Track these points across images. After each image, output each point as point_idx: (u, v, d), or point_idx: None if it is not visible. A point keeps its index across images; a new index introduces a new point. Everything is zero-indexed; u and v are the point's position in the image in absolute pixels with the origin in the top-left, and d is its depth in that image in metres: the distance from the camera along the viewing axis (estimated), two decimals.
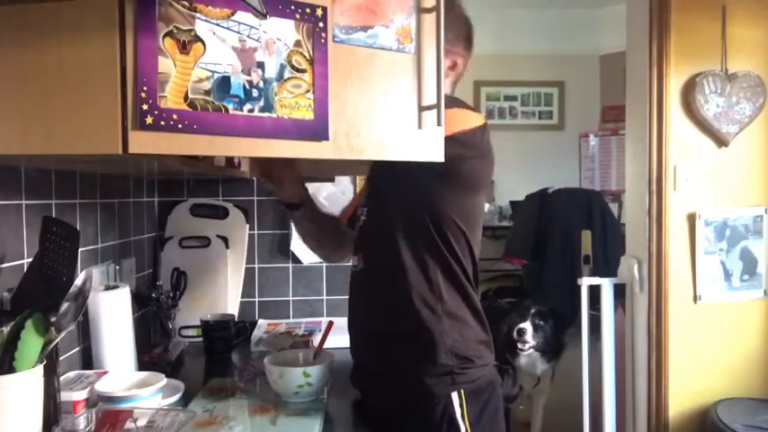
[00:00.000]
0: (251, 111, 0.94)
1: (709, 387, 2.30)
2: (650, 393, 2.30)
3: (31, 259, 1.07)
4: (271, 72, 0.97)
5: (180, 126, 0.88)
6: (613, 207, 3.51)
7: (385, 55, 1.07)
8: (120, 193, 1.70)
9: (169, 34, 0.87)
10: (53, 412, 1.02)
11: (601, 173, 3.91)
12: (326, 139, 1.00)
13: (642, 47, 2.29)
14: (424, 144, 1.10)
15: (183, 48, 0.88)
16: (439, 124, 1.09)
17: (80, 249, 1.08)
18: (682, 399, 2.29)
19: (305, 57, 0.99)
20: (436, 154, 1.11)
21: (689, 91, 2.26)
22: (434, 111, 1.08)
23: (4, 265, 1.12)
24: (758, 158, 2.32)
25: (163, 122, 0.86)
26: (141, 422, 1.05)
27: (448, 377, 1.17)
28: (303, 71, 0.99)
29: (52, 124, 0.82)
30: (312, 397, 1.32)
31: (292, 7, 0.97)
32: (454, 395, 1.17)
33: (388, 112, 1.07)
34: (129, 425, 1.03)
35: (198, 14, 0.90)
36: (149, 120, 0.84)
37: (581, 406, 2.45)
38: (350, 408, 1.34)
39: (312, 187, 2.06)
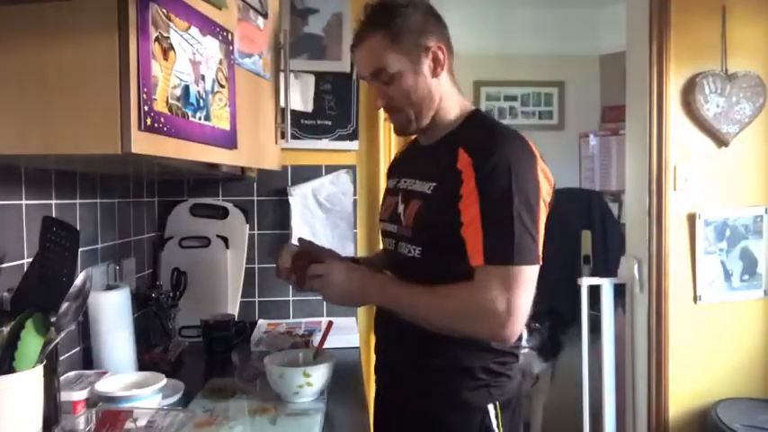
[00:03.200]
0: (200, 118, 1.00)
1: (709, 387, 2.30)
2: (650, 393, 2.30)
3: (31, 259, 1.07)
4: (209, 85, 1.04)
5: (165, 129, 0.89)
6: (613, 207, 3.51)
7: (260, 79, 1.29)
8: (120, 193, 1.70)
9: (157, 39, 0.87)
10: (53, 412, 1.02)
11: (601, 173, 3.90)
12: (236, 147, 1.17)
13: (642, 47, 2.29)
14: (278, 157, 1.50)
15: (164, 54, 0.90)
16: (282, 138, 1.47)
17: (80, 249, 1.08)
18: (682, 399, 2.29)
19: (224, 74, 1.10)
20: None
21: (689, 91, 2.26)
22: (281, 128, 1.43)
23: (4, 265, 1.12)
24: (758, 158, 2.33)
25: (157, 124, 0.86)
26: (141, 422, 1.05)
27: (485, 390, 1.19)
28: (223, 87, 1.10)
29: (52, 124, 0.82)
30: (312, 397, 1.32)
31: (218, 29, 1.09)
32: (490, 407, 1.18)
33: (263, 128, 1.34)
34: (129, 425, 1.03)
35: (171, 24, 0.91)
36: (149, 121, 0.84)
37: (581, 406, 2.45)
38: (355, 404, 1.35)
39: (312, 187, 2.07)
